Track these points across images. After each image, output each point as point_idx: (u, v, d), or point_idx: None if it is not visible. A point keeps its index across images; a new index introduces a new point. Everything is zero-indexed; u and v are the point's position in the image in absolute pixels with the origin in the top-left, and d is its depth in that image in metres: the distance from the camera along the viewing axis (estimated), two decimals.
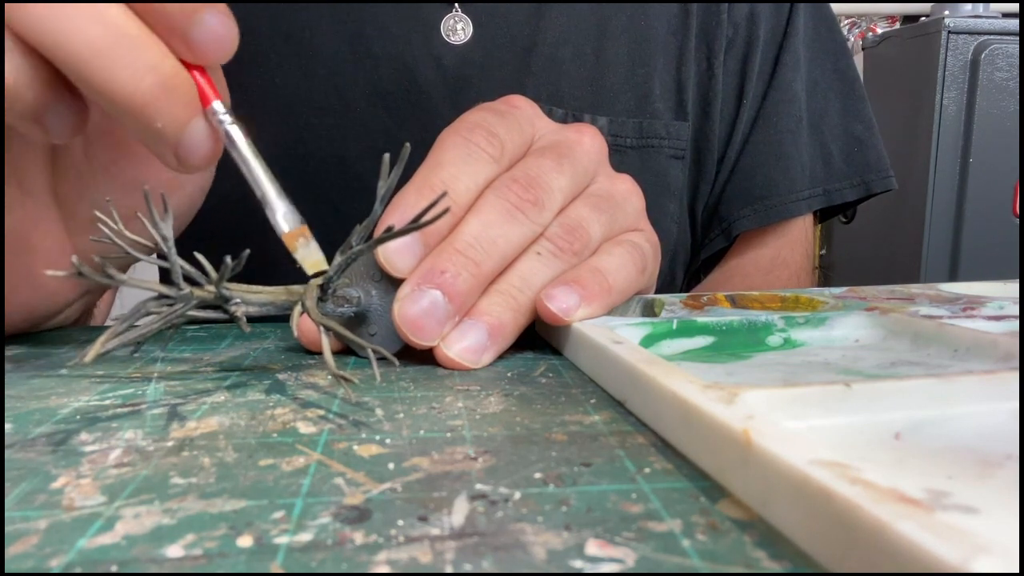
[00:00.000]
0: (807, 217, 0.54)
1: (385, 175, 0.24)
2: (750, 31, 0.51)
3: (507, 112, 0.30)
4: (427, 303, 0.25)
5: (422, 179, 0.27)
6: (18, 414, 0.21)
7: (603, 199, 0.31)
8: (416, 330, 0.26)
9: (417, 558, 0.13)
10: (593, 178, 0.32)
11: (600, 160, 0.32)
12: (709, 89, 0.50)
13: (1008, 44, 1.47)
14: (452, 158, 0.28)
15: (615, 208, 0.31)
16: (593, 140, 0.32)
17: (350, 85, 0.46)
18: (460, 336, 0.26)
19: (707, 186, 0.52)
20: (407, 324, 0.25)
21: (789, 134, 0.51)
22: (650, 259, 0.31)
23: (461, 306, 0.26)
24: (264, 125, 0.47)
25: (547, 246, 0.28)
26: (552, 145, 0.31)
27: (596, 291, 0.28)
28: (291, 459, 0.17)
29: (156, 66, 0.22)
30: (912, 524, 0.11)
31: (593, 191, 0.31)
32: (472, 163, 0.28)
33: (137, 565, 0.13)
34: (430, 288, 0.26)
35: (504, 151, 0.29)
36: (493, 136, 0.28)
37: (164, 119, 0.23)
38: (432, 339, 0.26)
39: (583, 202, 0.30)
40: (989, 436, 0.17)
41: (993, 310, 0.29)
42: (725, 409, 0.16)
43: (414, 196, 0.27)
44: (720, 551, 0.13)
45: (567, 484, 0.16)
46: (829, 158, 0.53)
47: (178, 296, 0.22)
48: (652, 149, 0.49)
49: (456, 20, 0.47)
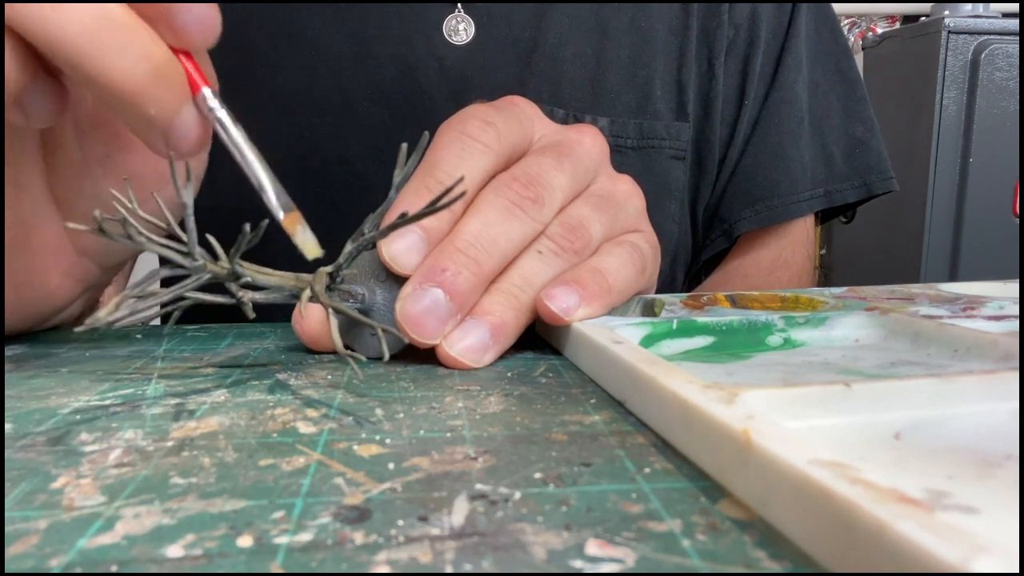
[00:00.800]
0: (808, 218, 0.54)
1: (402, 163, 0.24)
2: (751, 32, 0.51)
3: (505, 107, 0.30)
4: (429, 301, 0.26)
5: (419, 182, 0.27)
6: (18, 414, 0.21)
7: (604, 199, 0.31)
8: (418, 328, 0.26)
9: (417, 558, 0.13)
10: (594, 178, 0.32)
11: (601, 160, 0.32)
12: (710, 90, 0.50)
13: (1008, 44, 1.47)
14: (447, 155, 0.28)
15: (616, 208, 0.31)
16: (594, 140, 0.32)
17: (352, 85, 0.46)
18: (462, 335, 0.26)
19: (708, 187, 0.52)
20: (409, 322, 0.26)
21: (790, 135, 0.51)
22: (649, 260, 0.32)
23: (462, 305, 0.26)
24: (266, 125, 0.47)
25: (548, 245, 0.28)
26: (553, 144, 0.31)
27: (596, 291, 0.28)
28: (291, 459, 0.17)
29: (148, 53, 0.22)
30: (912, 524, 0.11)
31: (594, 191, 0.31)
32: (468, 157, 0.28)
33: (137, 565, 0.13)
34: (431, 287, 0.26)
35: (500, 139, 0.29)
36: (488, 124, 0.28)
37: (156, 106, 0.23)
38: (434, 337, 0.26)
39: (584, 202, 0.30)
40: (989, 436, 0.17)
41: (993, 310, 0.29)
42: (725, 409, 0.16)
43: (412, 197, 0.27)
44: (720, 551, 0.13)
45: (567, 484, 0.16)
46: (830, 159, 0.53)
47: (192, 267, 0.22)
48: (653, 150, 0.49)
49: (458, 20, 0.47)
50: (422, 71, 0.46)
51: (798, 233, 0.53)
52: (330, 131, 0.47)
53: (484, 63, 0.47)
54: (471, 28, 0.47)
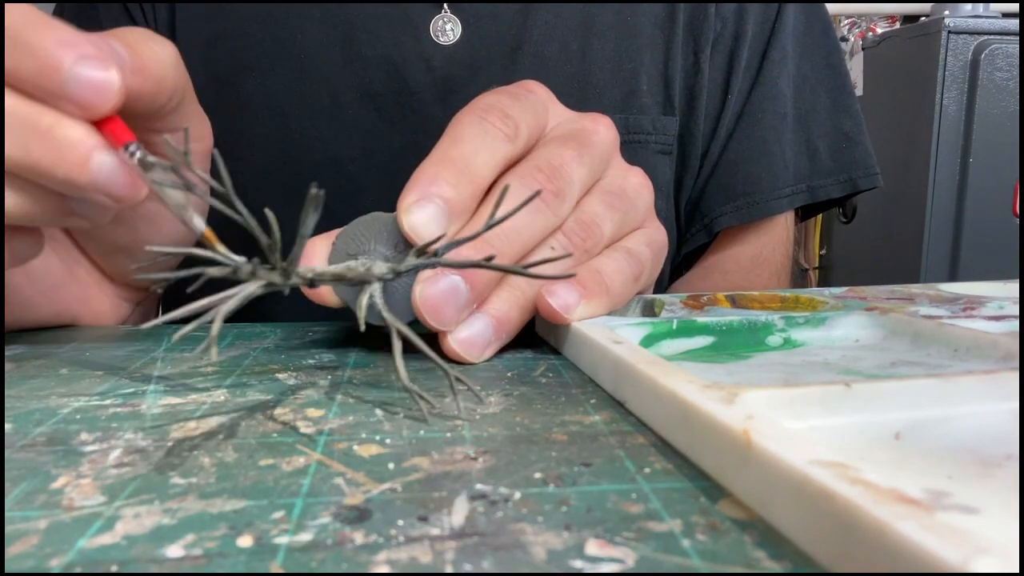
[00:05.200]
0: (789, 216, 0.54)
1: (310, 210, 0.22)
2: (738, 26, 0.50)
3: (522, 95, 0.30)
4: (447, 287, 0.26)
5: (441, 152, 0.27)
6: (18, 414, 0.21)
7: (616, 196, 0.31)
8: (435, 312, 0.26)
9: (417, 558, 0.13)
10: (606, 169, 0.32)
11: (614, 151, 0.32)
12: (695, 83, 0.50)
13: (1008, 44, 1.47)
14: (469, 135, 0.28)
15: (627, 205, 0.31)
16: (608, 130, 0.32)
17: (341, 88, 0.47)
18: (467, 327, 0.26)
19: (691, 180, 0.52)
20: (427, 306, 0.26)
21: (773, 131, 0.51)
22: (648, 264, 0.31)
23: (480, 294, 0.26)
24: (258, 129, 0.47)
25: (562, 241, 0.28)
26: (571, 134, 0.30)
27: (595, 291, 0.28)
28: (291, 459, 0.17)
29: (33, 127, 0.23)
30: (912, 524, 0.11)
31: (607, 186, 0.31)
32: (489, 140, 0.28)
33: (137, 565, 0.13)
34: (452, 272, 0.26)
35: (519, 132, 0.29)
36: (508, 117, 0.28)
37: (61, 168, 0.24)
38: (449, 323, 0.26)
39: (598, 199, 0.30)
40: (989, 436, 0.17)
41: (993, 310, 0.29)
42: (725, 409, 0.16)
43: (433, 168, 0.27)
44: (720, 551, 0.13)
45: (567, 484, 0.16)
46: (815, 154, 0.53)
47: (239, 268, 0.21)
48: (639, 144, 0.49)
49: (445, 21, 0.47)
50: (410, 72, 0.47)
51: (779, 231, 0.53)
52: (321, 134, 0.47)
53: (471, 62, 0.47)
54: (458, 28, 0.47)
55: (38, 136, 0.23)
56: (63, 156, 0.23)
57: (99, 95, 0.24)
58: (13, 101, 0.23)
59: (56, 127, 0.23)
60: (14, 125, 0.23)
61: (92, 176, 0.24)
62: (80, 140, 0.24)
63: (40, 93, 0.23)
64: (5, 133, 0.23)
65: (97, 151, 0.24)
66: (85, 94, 0.23)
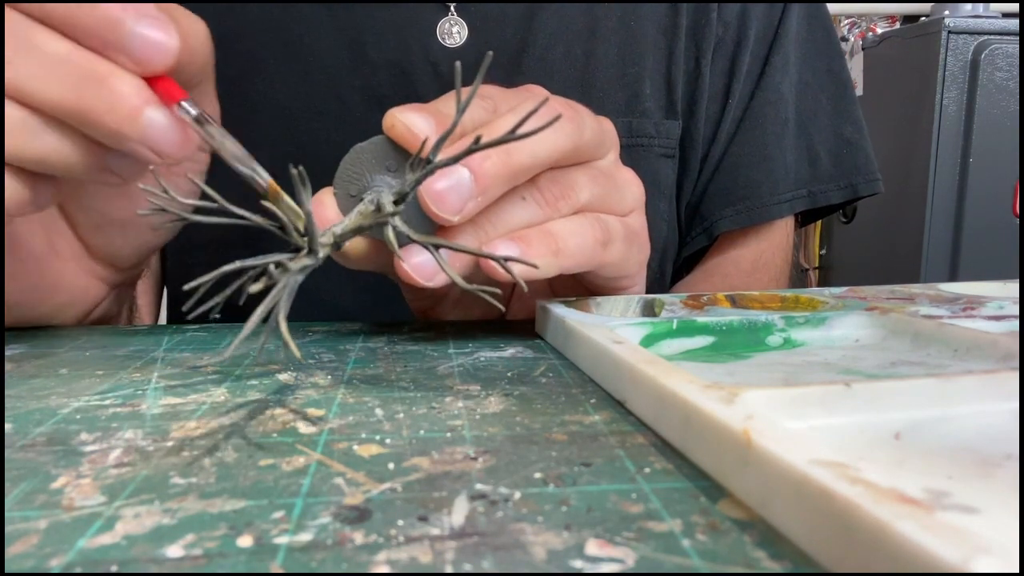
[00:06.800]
0: (789, 221, 0.54)
1: None
2: (740, 31, 0.51)
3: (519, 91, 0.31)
4: (453, 178, 0.26)
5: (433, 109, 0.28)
6: (18, 414, 0.21)
7: (603, 175, 0.31)
8: (439, 201, 0.26)
9: (417, 558, 0.13)
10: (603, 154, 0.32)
11: (613, 143, 0.33)
12: (697, 87, 0.50)
13: (1008, 44, 1.47)
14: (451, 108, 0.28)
15: (612, 187, 0.31)
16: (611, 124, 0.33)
17: (348, 91, 0.47)
18: (418, 251, 0.26)
19: (691, 184, 0.52)
20: (432, 196, 0.26)
21: (774, 136, 0.51)
22: (619, 238, 0.31)
23: (485, 188, 0.26)
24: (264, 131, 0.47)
25: (535, 194, 0.29)
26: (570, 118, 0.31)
27: (540, 251, 0.28)
28: (291, 459, 0.17)
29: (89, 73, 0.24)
30: (912, 524, 0.11)
31: (596, 165, 0.32)
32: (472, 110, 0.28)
33: (137, 565, 0.13)
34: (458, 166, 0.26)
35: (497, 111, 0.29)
36: (487, 98, 0.29)
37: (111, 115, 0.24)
38: (453, 212, 0.26)
39: (583, 170, 0.31)
40: (989, 436, 0.17)
41: (993, 310, 0.30)
42: (725, 409, 0.16)
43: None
44: (720, 551, 0.13)
45: (567, 484, 0.16)
46: (816, 159, 0.53)
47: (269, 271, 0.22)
48: (642, 148, 0.49)
49: (452, 24, 0.47)
50: (417, 75, 0.47)
51: (779, 235, 0.53)
52: (328, 136, 0.47)
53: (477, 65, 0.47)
54: (464, 31, 0.47)
55: (93, 83, 0.24)
56: (116, 106, 0.24)
57: (158, 53, 0.24)
58: (67, 47, 0.24)
59: (111, 77, 0.24)
60: (67, 71, 0.24)
61: (142, 129, 0.24)
62: (135, 92, 0.24)
63: (98, 44, 0.24)
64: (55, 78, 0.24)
65: (150, 105, 0.24)
66: (147, 50, 0.24)
